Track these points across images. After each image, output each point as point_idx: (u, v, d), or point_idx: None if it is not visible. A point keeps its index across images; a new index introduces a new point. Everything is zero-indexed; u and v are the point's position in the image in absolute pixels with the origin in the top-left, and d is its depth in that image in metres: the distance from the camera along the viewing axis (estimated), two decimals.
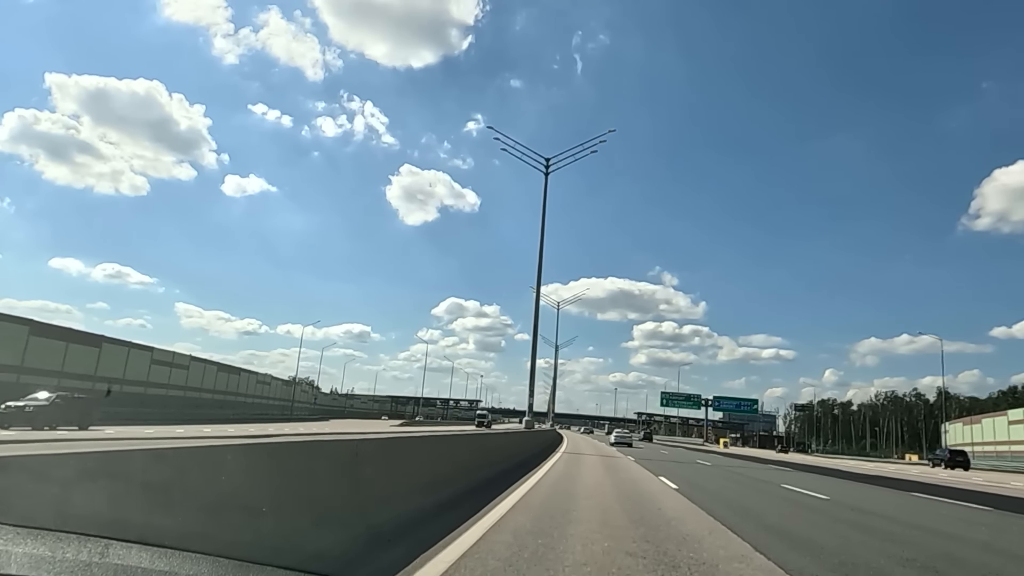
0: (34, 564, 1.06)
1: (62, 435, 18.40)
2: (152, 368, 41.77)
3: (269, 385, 69.33)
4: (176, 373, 45.41)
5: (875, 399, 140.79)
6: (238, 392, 57.69)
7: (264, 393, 66.82)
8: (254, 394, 62.89)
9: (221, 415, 45.93)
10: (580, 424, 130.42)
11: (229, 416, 46.35)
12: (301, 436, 4.95)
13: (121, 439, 7.09)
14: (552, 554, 5.12)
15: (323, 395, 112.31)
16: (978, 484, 21.54)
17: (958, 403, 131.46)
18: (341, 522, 4.19)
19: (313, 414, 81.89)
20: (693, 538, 6.39)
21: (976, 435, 60.16)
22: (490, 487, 9.54)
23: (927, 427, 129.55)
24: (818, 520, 8.83)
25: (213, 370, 52.35)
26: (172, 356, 45.31)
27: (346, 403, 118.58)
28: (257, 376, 65.06)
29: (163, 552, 1.17)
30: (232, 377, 56.78)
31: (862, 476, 23.04)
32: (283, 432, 27.31)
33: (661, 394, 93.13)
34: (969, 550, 6.87)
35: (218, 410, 48.86)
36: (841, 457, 77.03)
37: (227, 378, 55.27)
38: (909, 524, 9.12)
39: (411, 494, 6.01)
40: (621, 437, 46.83)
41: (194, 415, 40.87)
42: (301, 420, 61.46)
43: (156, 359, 42.53)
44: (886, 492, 15.57)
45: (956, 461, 42.60)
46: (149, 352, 42.02)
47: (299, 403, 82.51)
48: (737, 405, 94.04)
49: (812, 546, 6.34)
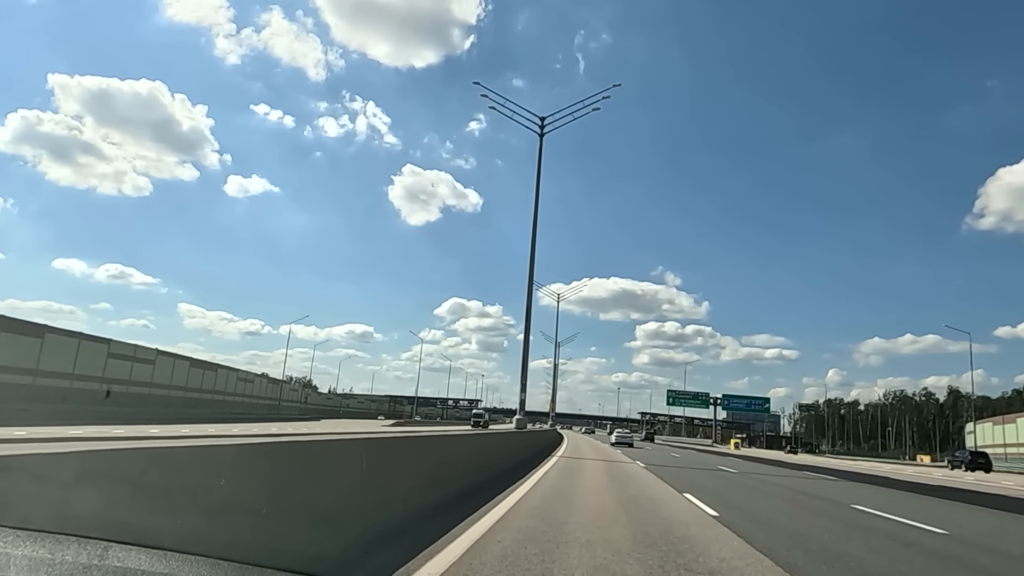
0: (33, 566, 1.07)
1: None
2: (109, 363, 37.88)
3: (252, 383, 65.45)
4: (140, 368, 41.57)
5: (884, 399, 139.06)
6: (215, 390, 53.82)
7: (247, 391, 63.00)
8: (235, 392, 59.06)
9: (191, 415, 42.04)
10: (582, 424, 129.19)
11: (199, 416, 42.46)
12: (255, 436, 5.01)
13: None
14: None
15: (316, 395, 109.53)
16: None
17: (971, 403, 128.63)
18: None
19: (304, 414, 78.40)
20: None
21: (1009, 435, 56.22)
22: (453, 510, 6.37)
23: (937, 427, 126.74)
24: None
25: (185, 366, 48.45)
26: (134, 350, 41.42)
27: (341, 403, 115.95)
28: (238, 373, 61.14)
29: (162, 554, 1.18)
30: (208, 374, 52.93)
31: (919, 486, 19.14)
32: (250, 432, 24.20)
33: (667, 392, 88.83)
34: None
35: (188, 409, 44.95)
36: (855, 458, 73.20)
37: (201, 374, 51.38)
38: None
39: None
40: (622, 437, 46.64)
41: (160, 414, 37.02)
42: (288, 420, 57.55)
43: (114, 352, 38.61)
44: (993, 515, 11.68)
45: (978, 463, 40.95)
46: (105, 344, 38.13)
47: (288, 403, 78.76)
48: (748, 404, 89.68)
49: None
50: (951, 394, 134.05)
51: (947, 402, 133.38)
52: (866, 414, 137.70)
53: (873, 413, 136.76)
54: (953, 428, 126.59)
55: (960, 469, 41.33)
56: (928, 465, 58.80)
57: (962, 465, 42.15)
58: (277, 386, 76.19)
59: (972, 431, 64.25)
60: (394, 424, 64.65)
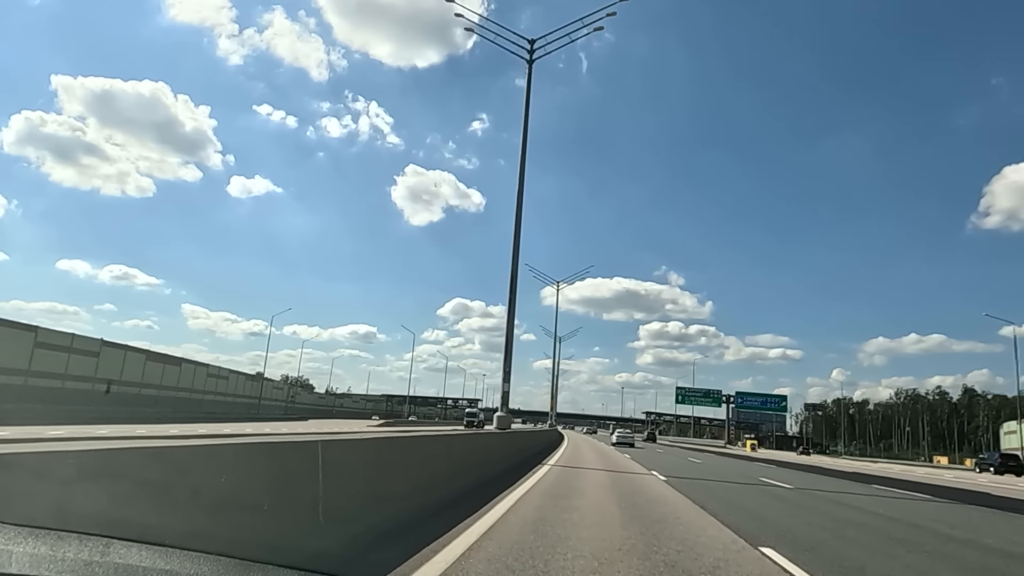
0: (35, 563, 1.07)
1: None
2: (36, 354, 32.74)
3: (227, 380, 60.37)
4: (80, 361, 36.52)
5: (895, 397, 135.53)
6: (179, 387, 48.76)
7: (220, 389, 57.96)
8: (204, 390, 54.02)
9: (148, 414, 36.93)
10: (585, 424, 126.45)
11: (159, 416, 37.35)
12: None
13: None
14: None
15: (309, 395, 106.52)
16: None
17: (986, 402, 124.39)
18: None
19: (290, 413, 73.55)
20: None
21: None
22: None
23: (951, 427, 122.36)
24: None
25: (139, 359, 43.33)
26: (71, 339, 36.28)
27: (335, 403, 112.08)
28: (208, 369, 56.01)
29: (164, 551, 1.17)
30: (171, 369, 47.86)
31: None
32: (219, 432, 19.81)
33: (676, 389, 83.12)
34: None
35: (142, 408, 39.77)
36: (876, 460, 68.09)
37: (162, 369, 46.28)
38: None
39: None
40: (623, 437, 46.22)
41: (107, 414, 31.98)
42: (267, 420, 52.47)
43: (42, 342, 33.42)
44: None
45: (1009, 466, 39.16)
46: (32, 333, 32.96)
47: (271, 402, 73.76)
48: (763, 402, 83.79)
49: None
50: (966, 393, 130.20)
51: (961, 401, 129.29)
52: (876, 414, 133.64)
53: (884, 413, 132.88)
54: (968, 428, 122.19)
55: (989, 472, 39.67)
56: (959, 468, 55.61)
57: (990, 468, 40.64)
58: (257, 383, 71.06)
59: (1017, 430, 58.91)
60: (380, 424, 60.27)
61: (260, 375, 76.80)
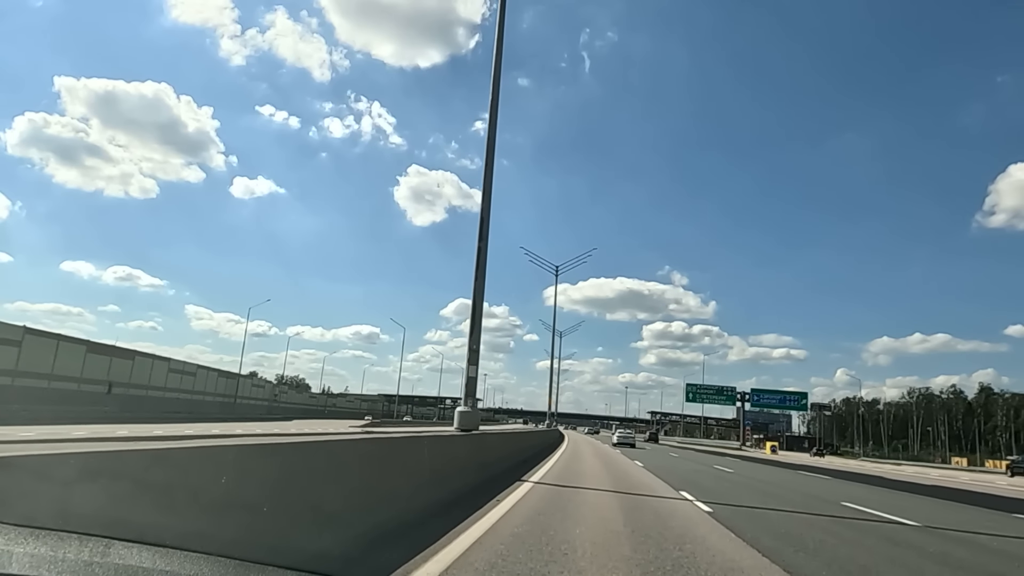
0: (35, 564, 1.06)
1: None
2: None
3: (194, 376, 54.96)
4: None
5: (907, 397, 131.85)
6: (131, 383, 43.40)
7: (185, 386, 52.60)
8: (166, 387, 48.69)
9: (93, 413, 31.64)
10: (587, 424, 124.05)
11: (107, 415, 32.04)
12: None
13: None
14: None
15: (300, 394, 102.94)
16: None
17: (1004, 401, 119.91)
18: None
19: (274, 413, 68.38)
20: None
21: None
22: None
23: (968, 427, 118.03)
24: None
25: (79, 351, 37.89)
26: None
27: (327, 402, 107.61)
28: (169, 363, 50.54)
29: (164, 552, 1.16)
30: (120, 363, 42.46)
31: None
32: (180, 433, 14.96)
33: (686, 387, 77.00)
34: None
35: (88, 407, 34.35)
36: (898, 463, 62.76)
37: (108, 363, 40.90)
38: None
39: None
40: (624, 437, 46.25)
41: (35, 413, 26.69)
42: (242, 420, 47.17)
43: None
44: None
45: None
46: None
47: (251, 400, 68.48)
48: (781, 399, 78.00)
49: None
50: (982, 391, 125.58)
51: (977, 400, 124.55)
52: (887, 413, 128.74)
53: (896, 412, 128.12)
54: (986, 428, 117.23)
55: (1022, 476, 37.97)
56: (982, 470, 53.59)
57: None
58: (232, 381, 65.72)
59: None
60: (365, 424, 55.37)
61: (237, 373, 71.31)
